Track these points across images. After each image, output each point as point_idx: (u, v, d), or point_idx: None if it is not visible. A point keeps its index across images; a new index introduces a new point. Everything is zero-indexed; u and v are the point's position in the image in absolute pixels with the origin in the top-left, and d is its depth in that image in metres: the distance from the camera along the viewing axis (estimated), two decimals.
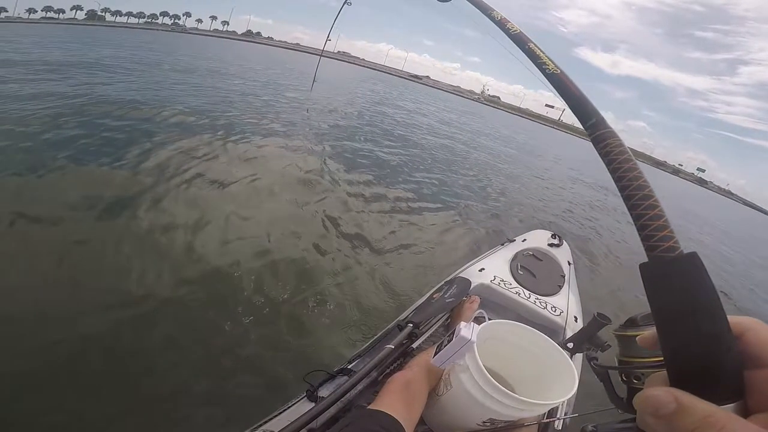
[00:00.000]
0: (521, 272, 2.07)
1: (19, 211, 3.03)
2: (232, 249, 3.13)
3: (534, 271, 2.10)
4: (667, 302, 0.28)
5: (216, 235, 3.28)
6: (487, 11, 0.79)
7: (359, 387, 1.18)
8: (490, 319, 1.28)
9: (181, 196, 3.83)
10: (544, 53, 0.56)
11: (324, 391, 1.17)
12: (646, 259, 0.30)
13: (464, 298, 1.77)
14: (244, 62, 24.78)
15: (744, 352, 0.27)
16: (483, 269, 2.04)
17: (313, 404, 1.09)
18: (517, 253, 2.27)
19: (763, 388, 0.26)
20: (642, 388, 0.32)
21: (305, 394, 1.17)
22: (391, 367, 1.33)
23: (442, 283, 1.98)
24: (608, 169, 0.37)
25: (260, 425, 1.03)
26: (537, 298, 1.86)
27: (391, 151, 8.19)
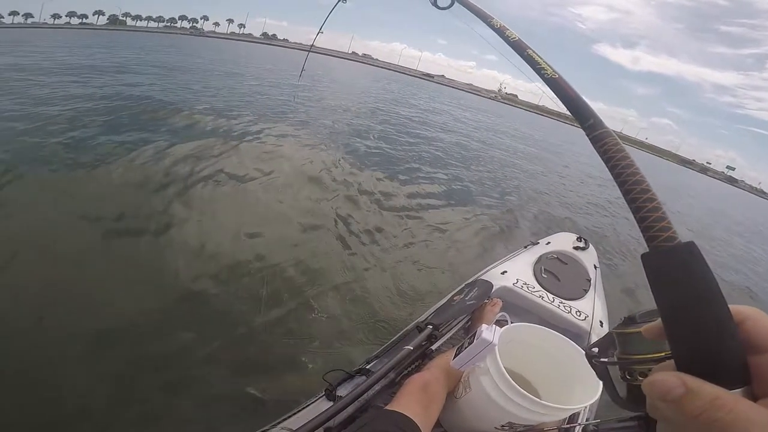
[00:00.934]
0: (545, 276, 2.04)
1: (56, 202, 3.28)
2: (252, 244, 3.19)
3: (558, 274, 2.07)
4: (670, 289, 0.29)
5: (236, 230, 3.35)
6: (486, 19, 0.80)
7: (377, 387, 1.18)
8: (512, 323, 1.26)
9: (200, 192, 3.94)
10: (542, 59, 0.59)
11: (342, 391, 1.18)
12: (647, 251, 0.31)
13: (486, 301, 1.75)
14: (262, 63, 25.21)
15: (745, 339, 0.27)
16: (505, 272, 2.02)
17: (331, 403, 1.10)
18: (540, 256, 2.25)
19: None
20: (636, 384, 0.35)
21: (324, 393, 1.18)
22: (409, 369, 1.32)
23: (463, 285, 1.96)
24: (607, 167, 0.39)
25: (279, 422, 1.05)
26: (561, 302, 1.83)
27: (407, 149, 8.18)
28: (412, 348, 1.34)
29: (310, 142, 6.70)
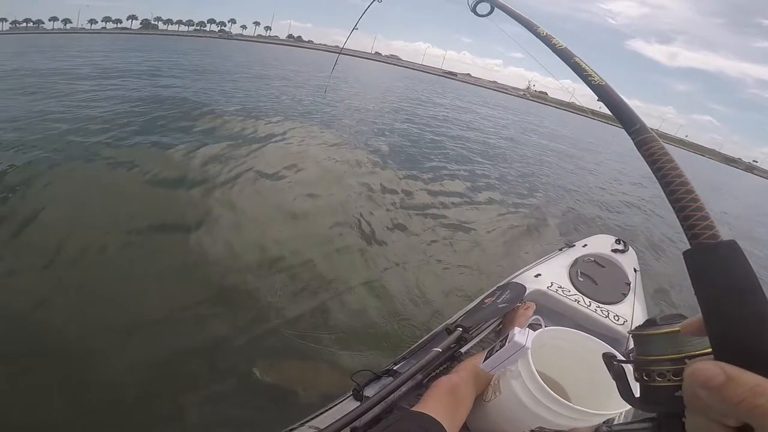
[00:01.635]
0: (581, 279, 1.98)
1: (97, 197, 3.55)
2: (279, 241, 3.24)
3: (595, 278, 2.00)
4: (711, 284, 0.31)
5: (264, 227, 3.42)
6: (531, 28, 0.80)
7: (403, 389, 1.18)
8: (546, 327, 1.22)
9: (229, 190, 4.05)
10: (589, 67, 0.61)
11: (369, 391, 1.18)
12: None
13: (518, 305, 1.71)
14: (288, 65, 25.75)
15: None
16: (539, 275, 1.97)
17: (358, 403, 1.11)
18: (576, 259, 2.18)
19: None
20: (653, 385, 0.38)
21: (351, 393, 1.19)
22: (437, 371, 1.31)
23: (495, 288, 1.92)
24: (652, 169, 0.41)
25: (306, 421, 1.07)
26: (598, 306, 1.77)
27: (432, 147, 8.12)
28: (440, 350, 1.32)
29: (334, 141, 6.78)
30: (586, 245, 2.44)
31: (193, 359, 2.04)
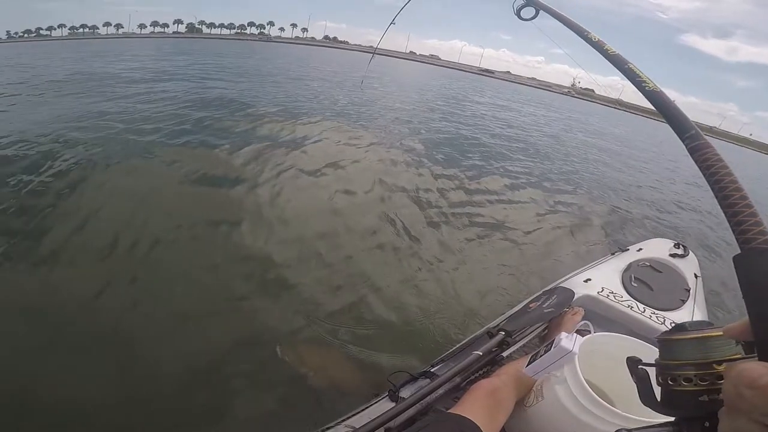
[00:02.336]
0: (635, 284, 1.89)
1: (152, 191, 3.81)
2: (317, 240, 3.30)
3: (651, 283, 1.90)
4: (761, 287, 0.31)
5: (303, 225, 3.50)
6: (582, 33, 0.79)
7: (440, 391, 1.17)
8: (595, 332, 1.17)
9: (270, 188, 4.19)
10: (643, 73, 0.61)
11: (405, 393, 1.18)
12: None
13: (566, 310, 1.65)
14: (326, 65, 26.32)
15: None
16: (589, 279, 1.90)
17: (393, 404, 1.11)
18: (631, 263, 2.09)
19: None
20: (678, 390, 0.38)
21: (387, 393, 1.19)
22: (477, 374, 1.29)
23: (540, 292, 1.88)
24: (705, 175, 0.42)
25: (342, 420, 1.09)
26: (653, 313, 1.68)
27: (471, 146, 8.00)
28: (481, 353, 1.30)
29: (371, 140, 6.85)
30: (641, 249, 2.33)
31: (235, 352, 2.11)
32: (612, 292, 1.79)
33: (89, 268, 2.71)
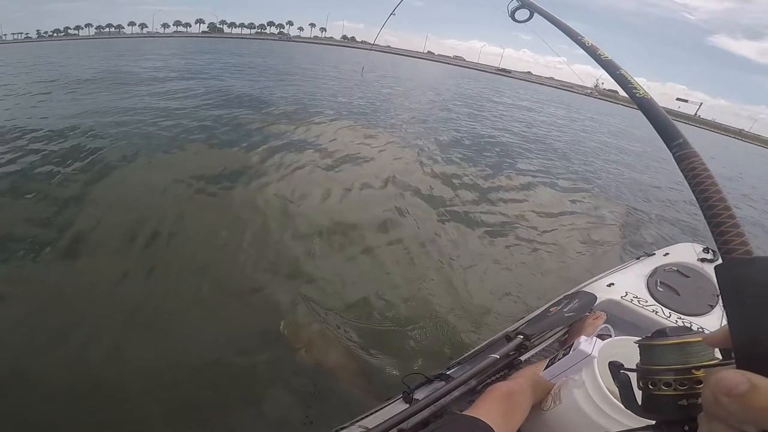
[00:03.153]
0: (661, 289, 1.84)
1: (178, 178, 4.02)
2: (334, 239, 3.31)
3: (678, 288, 1.85)
4: (744, 298, 0.32)
5: (319, 224, 3.51)
6: (576, 37, 0.80)
7: (455, 393, 1.16)
8: (616, 336, 1.14)
9: (289, 183, 4.26)
10: (634, 79, 0.62)
11: (419, 394, 1.17)
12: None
13: (587, 314, 1.62)
14: (344, 64, 26.45)
15: None
16: (612, 284, 1.86)
17: (407, 405, 1.10)
18: (657, 268, 2.04)
19: None
20: (658, 394, 0.40)
21: (401, 395, 1.18)
22: (493, 378, 1.28)
23: (562, 296, 1.86)
24: (690, 184, 0.42)
25: (356, 421, 1.08)
26: (680, 318, 1.64)
27: (490, 146, 7.95)
28: (498, 356, 1.28)
29: (387, 139, 6.88)
30: (667, 254, 2.27)
31: (248, 349, 2.14)
32: (636, 297, 1.75)
33: (114, 255, 2.83)
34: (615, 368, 0.51)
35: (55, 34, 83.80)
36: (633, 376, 0.47)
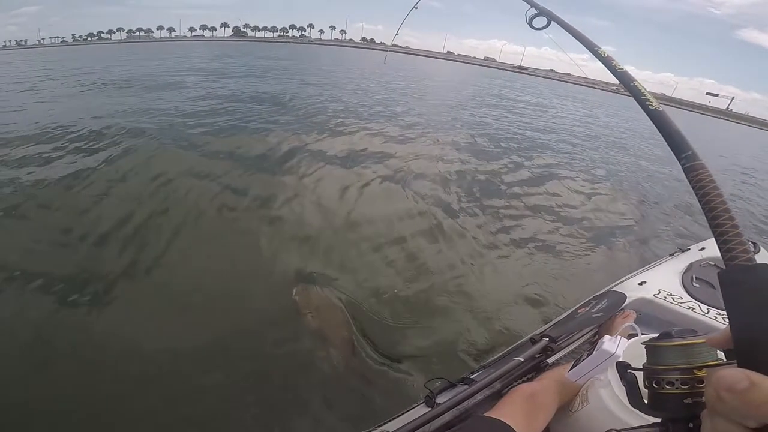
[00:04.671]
0: (697, 285, 1.77)
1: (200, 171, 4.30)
2: (357, 239, 3.35)
3: (715, 283, 1.76)
4: (745, 301, 0.34)
5: (342, 225, 3.58)
6: (592, 48, 0.81)
7: (479, 396, 1.15)
8: (643, 334, 1.13)
9: (313, 180, 4.39)
10: (647, 92, 0.63)
11: (442, 398, 1.17)
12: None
13: (616, 313, 1.58)
14: (366, 66, 26.69)
15: None
16: (644, 282, 1.80)
17: (429, 409, 1.11)
18: (692, 263, 1.96)
19: None
20: (663, 393, 0.42)
21: (423, 399, 1.18)
22: (519, 381, 1.26)
23: (590, 297, 1.82)
24: (697, 195, 0.44)
25: (379, 426, 1.09)
26: (718, 313, 1.58)
27: (516, 144, 7.87)
28: (522, 359, 1.28)
29: (412, 136, 6.98)
30: (703, 249, 2.17)
31: (268, 352, 2.19)
32: (670, 294, 1.69)
33: (147, 242, 3.05)
34: (622, 368, 0.54)
35: (89, 38, 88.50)
36: (640, 376, 0.49)
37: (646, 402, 0.46)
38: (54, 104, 8.12)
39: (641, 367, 0.47)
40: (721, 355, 0.41)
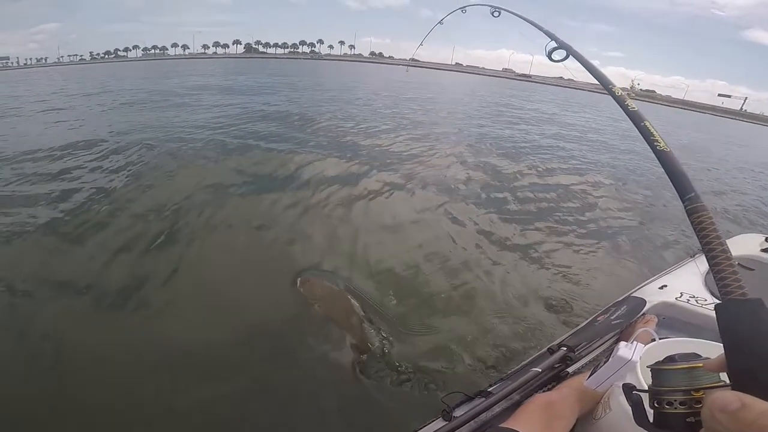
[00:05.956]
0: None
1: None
2: (373, 252, 3.36)
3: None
4: (739, 332, 0.38)
5: (357, 238, 3.58)
6: (607, 85, 0.85)
7: (497, 408, 1.14)
8: (662, 338, 1.12)
9: (331, 198, 4.40)
10: (656, 132, 0.65)
11: (459, 412, 1.16)
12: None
13: (635, 319, 1.56)
14: (374, 81, 27.35)
15: None
16: (665, 286, 1.78)
17: (446, 423, 1.10)
18: None
19: None
20: (669, 412, 0.46)
21: (440, 414, 1.17)
22: (538, 391, 1.24)
23: (610, 304, 1.80)
24: (698, 235, 0.48)
25: None
26: None
27: (529, 151, 7.93)
28: (540, 370, 1.26)
29: (425, 147, 7.05)
30: None
31: (282, 365, 2.22)
32: (693, 296, 1.65)
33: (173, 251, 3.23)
34: (628, 389, 0.58)
35: (106, 56, 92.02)
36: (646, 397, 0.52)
37: (651, 421, 0.50)
38: (84, 122, 8.59)
39: (646, 388, 0.51)
40: (724, 376, 0.44)
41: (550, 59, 1.11)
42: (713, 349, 1.01)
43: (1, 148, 6.21)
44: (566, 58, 1.08)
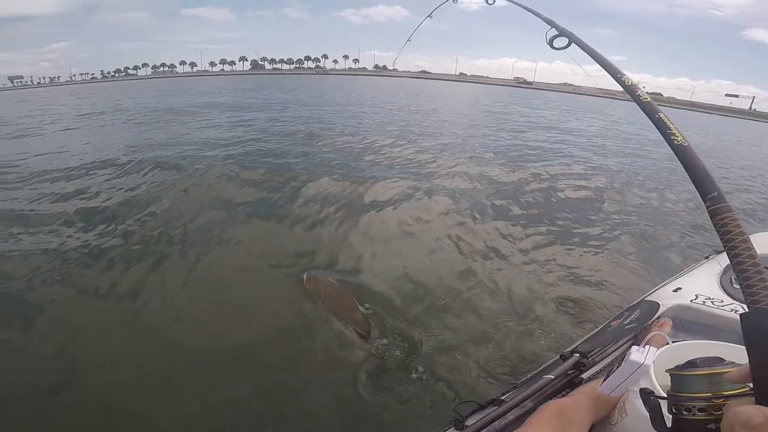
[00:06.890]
0: (737, 286, 1.68)
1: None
2: (384, 264, 3.36)
3: None
4: (765, 343, 0.35)
5: (367, 251, 3.59)
6: (616, 74, 0.79)
7: (509, 417, 1.14)
8: (675, 341, 1.11)
9: (345, 213, 4.41)
10: (673, 125, 0.59)
11: (471, 421, 1.15)
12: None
13: (650, 323, 1.55)
14: (379, 94, 27.61)
15: None
16: (679, 289, 1.75)
17: None
18: (729, 264, 1.85)
19: None
20: (688, 419, 0.43)
21: (452, 424, 1.16)
22: (552, 398, 1.23)
23: (623, 309, 1.79)
24: (722, 239, 0.45)
25: None
26: None
27: (537, 156, 7.97)
28: (553, 377, 1.26)
29: (428, 156, 7.12)
30: None
31: (292, 373, 2.22)
32: (709, 298, 1.62)
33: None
34: (645, 395, 0.57)
35: (116, 74, 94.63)
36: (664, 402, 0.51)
37: (669, 426, 0.49)
38: (99, 140, 8.91)
39: (664, 395, 0.50)
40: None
41: (552, 47, 1.06)
42: (735, 352, 1.01)
43: (25, 165, 6.54)
44: (568, 45, 1.03)
